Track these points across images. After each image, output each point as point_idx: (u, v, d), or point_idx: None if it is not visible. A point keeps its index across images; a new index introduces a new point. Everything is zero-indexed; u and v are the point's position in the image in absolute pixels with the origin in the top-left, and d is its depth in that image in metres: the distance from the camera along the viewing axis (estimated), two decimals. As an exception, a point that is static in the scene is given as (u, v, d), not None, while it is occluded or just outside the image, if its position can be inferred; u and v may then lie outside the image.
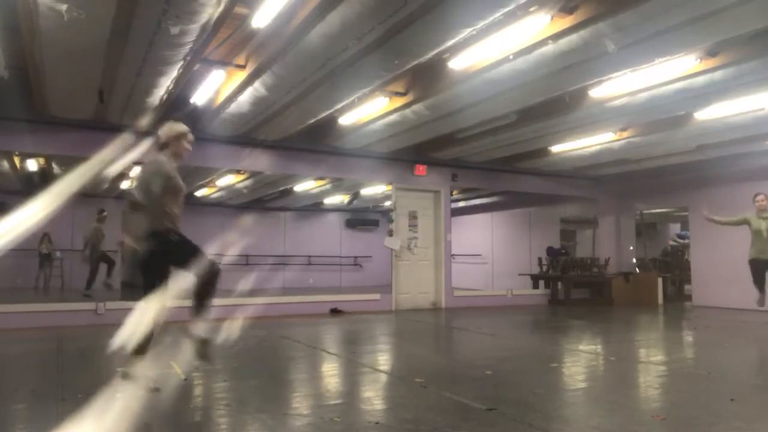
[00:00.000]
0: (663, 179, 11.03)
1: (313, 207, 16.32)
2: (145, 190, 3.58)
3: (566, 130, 8.22)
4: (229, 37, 5.59)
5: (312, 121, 7.55)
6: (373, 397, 3.83)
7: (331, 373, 4.77)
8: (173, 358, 4.53)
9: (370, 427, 2.95)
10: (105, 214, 10.65)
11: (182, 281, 3.59)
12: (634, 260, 12.48)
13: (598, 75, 5.88)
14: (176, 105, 6.95)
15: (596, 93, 6.66)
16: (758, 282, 6.56)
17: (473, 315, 9.15)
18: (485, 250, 15.59)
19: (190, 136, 3.87)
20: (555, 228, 14.08)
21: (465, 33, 4.77)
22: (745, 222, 6.63)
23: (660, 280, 11.51)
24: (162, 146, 3.78)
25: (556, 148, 9.51)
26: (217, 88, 6.78)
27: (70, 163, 9.50)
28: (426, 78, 6.57)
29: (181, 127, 3.83)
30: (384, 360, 5.45)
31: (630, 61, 5.47)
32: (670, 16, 4.43)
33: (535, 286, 12.17)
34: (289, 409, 3.50)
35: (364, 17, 4.47)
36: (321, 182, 12.47)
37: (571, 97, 6.90)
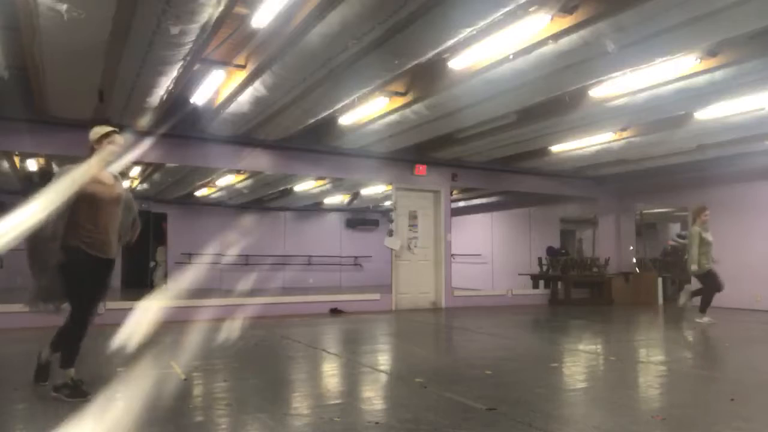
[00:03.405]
0: (663, 179, 11.02)
1: (313, 207, 16.31)
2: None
3: (566, 130, 8.22)
4: (229, 37, 5.59)
5: (312, 121, 7.55)
6: (373, 397, 3.83)
7: (331, 373, 4.77)
8: (173, 358, 4.54)
9: (370, 427, 2.95)
10: None
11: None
12: (634, 260, 12.48)
13: (598, 75, 5.87)
14: (176, 105, 6.96)
15: (596, 93, 6.66)
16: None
17: (473, 315, 9.15)
18: (485, 250, 15.58)
19: (118, 138, 3.68)
20: (555, 228, 14.07)
21: (465, 33, 4.77)
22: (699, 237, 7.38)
23: (660, 280, 11.50)
24: (90, 151, 3.65)
25: (556, 148, 9.50)
26: (217, 88, 6.78)
27: (70, 163, 9.50)
28: (426, 78, 6.56)
29: (105, 129, 3.68)
30: (384, 360, 5.45)
31: (630, 61, 5.46)
32: (670, 16, 4.42)
33: (535, 285, 12.17)
34: (289, 409, 3.50)
35: (364, 17, 4.47)
36: (321, 182, 12.47)
37: (571, 97, 6.90)
